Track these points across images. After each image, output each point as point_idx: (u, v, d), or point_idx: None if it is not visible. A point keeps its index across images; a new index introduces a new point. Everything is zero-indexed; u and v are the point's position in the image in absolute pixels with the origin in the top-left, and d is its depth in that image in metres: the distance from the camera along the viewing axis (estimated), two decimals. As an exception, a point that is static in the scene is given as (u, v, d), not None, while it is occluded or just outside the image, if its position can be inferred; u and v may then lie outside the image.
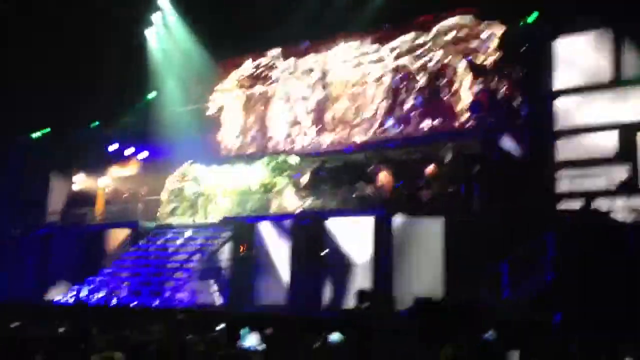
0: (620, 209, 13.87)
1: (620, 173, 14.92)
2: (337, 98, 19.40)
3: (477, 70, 16.95)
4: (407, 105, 17.91)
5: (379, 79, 18.71)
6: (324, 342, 8.40)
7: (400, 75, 18.20)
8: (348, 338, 8.44)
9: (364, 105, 18.81)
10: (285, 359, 6.58)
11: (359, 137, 18.66)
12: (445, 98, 17.35)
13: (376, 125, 18.39)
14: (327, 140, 19.29)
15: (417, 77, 17.90)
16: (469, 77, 17.10)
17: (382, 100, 18.41)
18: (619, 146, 15.26)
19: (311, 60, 20.24)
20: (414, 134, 17.61)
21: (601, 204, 14.23)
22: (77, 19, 21.13)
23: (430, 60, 17.75)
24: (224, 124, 21.75)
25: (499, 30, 16.75)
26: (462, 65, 17.22)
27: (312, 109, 19.78)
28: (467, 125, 16.76)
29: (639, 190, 14.56)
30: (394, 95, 18.19)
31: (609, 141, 15.38)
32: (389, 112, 18.21)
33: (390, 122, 18.15)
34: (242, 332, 9.73)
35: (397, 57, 18.38)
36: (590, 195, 14.47)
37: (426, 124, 17.47)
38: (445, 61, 17.47)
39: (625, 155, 15.12)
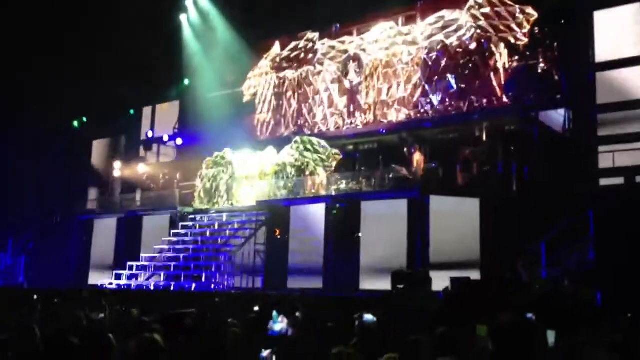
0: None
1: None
2: (372, 79, 19.16)
3: (512, 47, 16.48)
4: (442, 84, 17.54)
5: (413, 59, 18.40)
6: (359, 322, 8.32)
7: (435, 53, 17.82)
8: (380, 318, 8.36)
9: (398, 85, 18.53)
10: (313, 343, 6.51)
11: (393, 118, 18.42)
12: (481, 75, 16.92)
13: (411, 105, 18.11)
14: (362, 121, 19.09)
15: (452, 55, 17.51)
16: (505, 53, 16.67)
17: (417, 80, 18.09)
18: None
19: (344, 42, 20.03)
20: (449, 112, 17.26)
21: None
22: (112, 5, 21.36)
23: (464, 37, 17.34)
24: (259, 108, 21.74)
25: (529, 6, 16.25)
26: (497, 42, 16.79)
27: (347, 90, 19.58)
28: (505, 103, 16.34)
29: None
30: (429, 73, 17.81)
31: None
32: (424, 91, 17.87)
33: (425, 101, 17.83)
34: (273, 315, 9.77)
35: (430, 35, 18.01)
36: (633, 171, 13.95)
37: (462, 102, 17.08)
38: (480, 38, 17.05)
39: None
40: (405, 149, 17.50)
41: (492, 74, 16.79)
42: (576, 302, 10.18)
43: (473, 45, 17.21)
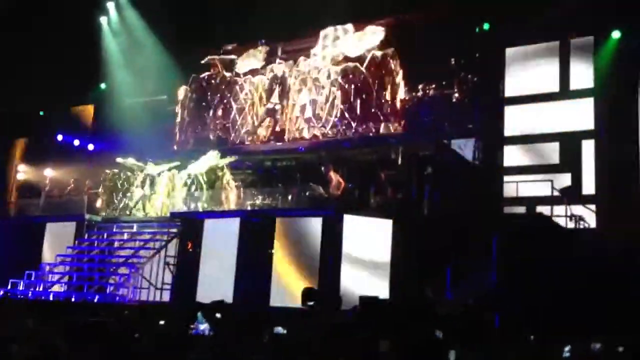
0: (562, 214, 14.25)
1: (564, 180, 15.37)
2: (292, 96, 19.35)
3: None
4: (356, 105, 18.01)
5: (328, 77, 18.76)
6: (270, 334, 8.45)
7: (349, 75, 18.29)
8: (290, 331, 8.43)
9: (315, 104, 18.82)
10: (234, 342, 6.55)
11: (311, 134, 18.67)
12: (395, 100, 17.59)
13: (329, 125, 18.42)
14: (280, 138, 19.21)
15: (366, 78, 18.05)
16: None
17: (334, 100, 18.45)
18: (563, 155, 15.74)
19: (269, 57, 20.17)
20: (367, 134, 17.71)
21: (544, 209, 14.59)
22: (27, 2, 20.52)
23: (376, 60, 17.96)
24: (179, 117, 21.41)
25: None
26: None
27: (268, 109, 19.70)
28: (419, 129, 16.98)
29: (580, 197, 15.01)
30: (343, 95, 18.26)
31: (554, 149, 15.85)
32: (340, 111, 18.26)
33: (342, 122, 18.19)
34: (198, 315, 10.02)
35: (345, 57, 18.53)
36: (534, 201, 14.82)
37: (377, 125, 17.61)
38: (393, 64, 17.71)
39: (569, 164, 15.60)
40: (323, 168, 17.71)
41: (406, 99, 17.54)
42: (477, 323, 10.61)
43: (386, 69, 17.86)
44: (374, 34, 18.37)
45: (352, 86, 18.23)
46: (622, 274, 11.35)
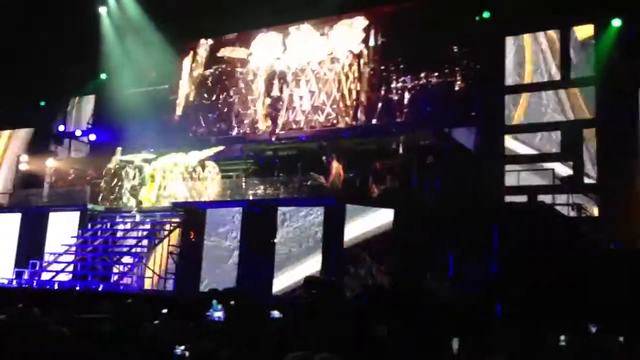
0: (563, 203, 14.31)
1: (565, 169, 15.42)
2: (293, 86, 19.37)
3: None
4: (359, 94, 18.05)
5: (330, 67, 18.77)
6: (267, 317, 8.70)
7: (349, 62, 18.31)
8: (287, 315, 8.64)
9: (317, 93, 18.85)
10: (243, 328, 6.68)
11: (312, 126, 18.72)
12: (395, 88, 17.62)
13: (331, 115, 18.46)
14: (281, 127, 19.26)
15: (367, 65, 18.07)
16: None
17: (335, 88, 18.49)
18: (564, 143, 15.77)
19: (267, 47, 20.15)
20: (365, 123, 17.76)
21: (545, 198, 14.64)
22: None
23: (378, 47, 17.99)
24: (179, 107, 21.43)
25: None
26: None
27: (268, 96, 19.70)
28: (420, 118, 17.01)
29: (581, 186, 15.06)
30: (341, 85, 18.30)
31: (555, 138, 15.89)
32: (341, 101, 18.29)
33: (345, 111, 18.23)
34: (213, 303, 10.20)
35: (346, 45, 18.53)
36: (535, 190, 14.87)
37: (378, 114, 17.65)
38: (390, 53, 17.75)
39: (570, 153, 15.63)
40: (324, 158, 17.75)
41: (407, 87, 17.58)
42: (478, 312, 10.72)
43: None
44: (367, 24, 18.39)
45: (351, 76, 18.25)
46: (623, 263, 11.43)
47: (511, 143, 16.58)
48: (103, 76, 23.05)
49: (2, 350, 5.55)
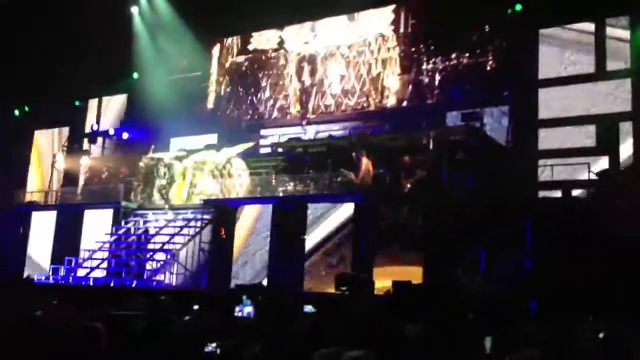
0: (598, 198, 14.00)
1: (600, 163, 15.08)
2: (323, 70, 19.47)
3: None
4: (389, 77, 18.05)
5: (360, 50, 18.80)
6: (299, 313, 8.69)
7: (379, 45, 18.29)
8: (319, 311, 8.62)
9: (347, 77, 18.92)
10: (273, 324, 6.68)
11: (342, 110, 18.77)
12: (426, 70, 17.56)
13: (362, 98, 18.53)
14: (312, 112, 19.38)
15: (396, 48, 18.02)
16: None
17: (365, 72, 18.52)
18: (600, 137, 15.42)
19: (297, 32, 20.29)
20: (396, 106, 17.60)
21: (580, 193, 14.36)
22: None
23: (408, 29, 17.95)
24: (210, 95, 21.71)
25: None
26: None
27: (298, 81, 19.85)
28: (451, 99, 16.94)
29: (617, 180, 14.71)
30: (375, 66, 18.32)
31: (590, 132, 15.54)
32: (371, 84, 18.30)
33: (372, 94, 18.24)
34: (243, 299, 10.30)
35: (375, 28, 18.57)
36: (569, 184, 14.57)
37: (408, 96, 17.60)
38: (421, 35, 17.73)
39: (605, 146, 15.29)
40: (354, 154, 17.70)
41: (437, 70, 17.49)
42: (511, 308, 10.56)
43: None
44: (396, 7, 18.34)
45: (380, 59, 18.27)
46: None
47: (545, 135, 16.31)
48: (135, 75, 23.38)
49: (38, 346, 5.65)
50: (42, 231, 20.31)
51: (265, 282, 15.52)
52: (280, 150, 19.21)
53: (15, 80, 22.84)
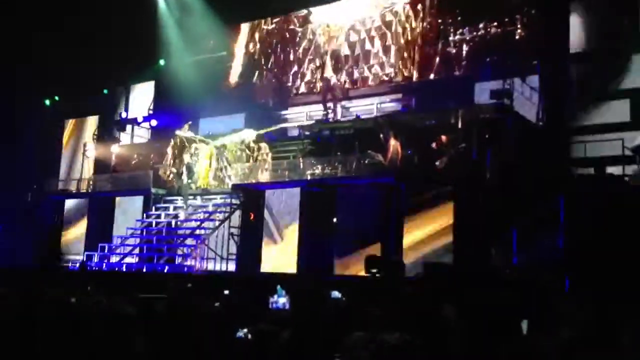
0: (633, 175, 13.64)
1: (634, 140, 14.64)
2: (350, 42, 19.39)
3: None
4: (416, 49, 17.87)
5: (387, 22, 18.63)
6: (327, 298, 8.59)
7: (406, 17, 18.11)
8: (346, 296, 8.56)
9: (374, 49, 18.80)
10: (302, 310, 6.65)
11: (369, 84, 18.58)
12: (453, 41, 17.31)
13: (389, 70, 18.40)
14: (338, 99, 19.29)
15: (424, 19, 17.81)
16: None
17: (392, 44, 18.38)
18: (634, 112, 14.98)
19: (325, 3, 20.16)
20: (423, 78, 17.52)
21: (614, 170, 13.99)
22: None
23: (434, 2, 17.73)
24: (236, 74, 21.74)
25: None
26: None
27: (326, 54, 19.84)
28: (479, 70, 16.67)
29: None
30: (402, 38, 18.14)
31: (623, 107, 15.10)
32: (398, 56, 18.13)
33: (399, 66, 18.08)
34: (278, 289, 10.22)
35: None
36: (603, 161, 14.21)
37: (435, 68, 17.41)
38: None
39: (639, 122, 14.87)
40: (381, 135, 17.53)
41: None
42: (545, 287, 10.37)
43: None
44: None
45: (408, 31, 18.10)
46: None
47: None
48: (162, 62, 23.47)
49: (73, 330, 5.74)
50: (75, 219, 20.67)
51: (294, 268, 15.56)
52: (307, 133, 19.12)
53: (45, 70, 23.11)
